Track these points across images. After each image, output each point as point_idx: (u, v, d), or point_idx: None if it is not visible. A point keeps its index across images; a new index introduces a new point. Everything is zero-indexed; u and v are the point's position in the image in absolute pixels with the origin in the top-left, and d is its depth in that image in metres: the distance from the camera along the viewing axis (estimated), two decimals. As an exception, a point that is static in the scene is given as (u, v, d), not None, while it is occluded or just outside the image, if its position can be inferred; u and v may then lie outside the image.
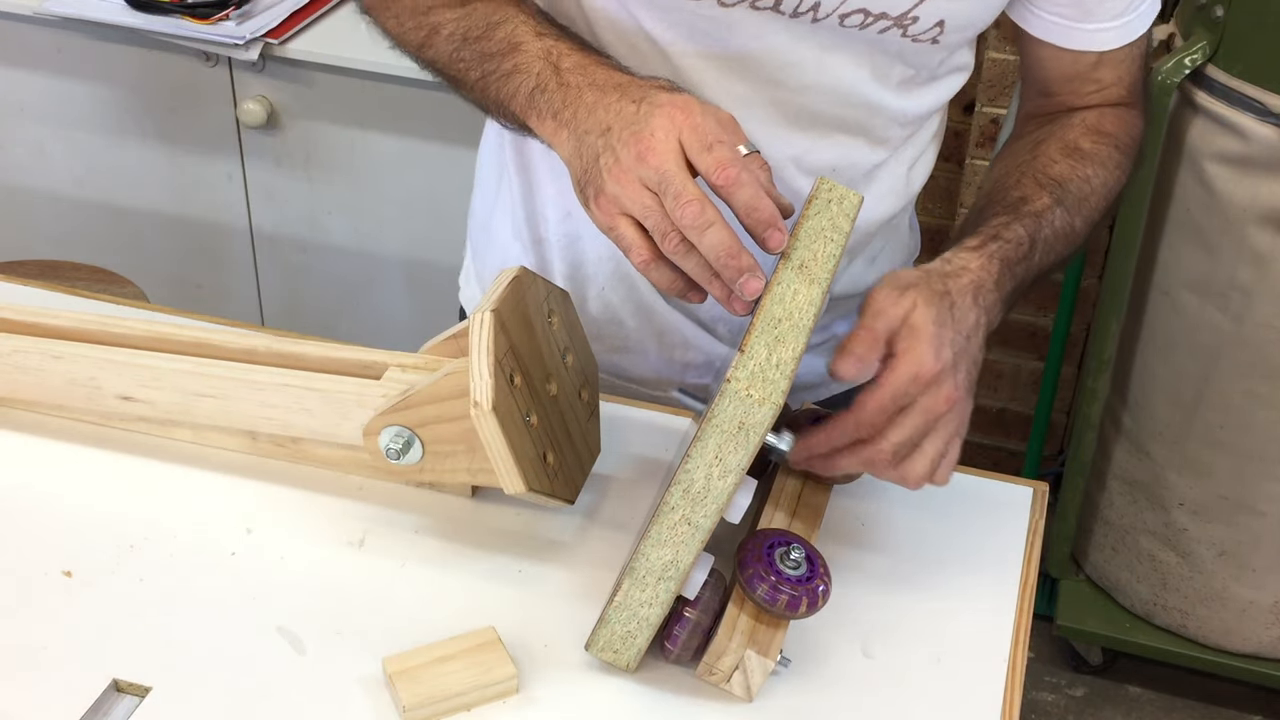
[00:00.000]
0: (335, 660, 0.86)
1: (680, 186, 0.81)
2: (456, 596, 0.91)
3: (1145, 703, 2.16)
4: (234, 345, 0.99)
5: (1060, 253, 0.99)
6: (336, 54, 1.93)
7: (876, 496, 1.01)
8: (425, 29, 0.97)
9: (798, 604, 0.83)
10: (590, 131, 0.86)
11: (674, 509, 0.79)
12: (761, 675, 0.83)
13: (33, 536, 0.94)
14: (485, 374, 0.84)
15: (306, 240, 2.13)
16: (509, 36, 0.91)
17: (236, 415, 0.97)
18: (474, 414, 0.83)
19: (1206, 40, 1.69)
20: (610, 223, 0.85)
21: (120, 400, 0.99)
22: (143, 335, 1.00)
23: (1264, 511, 1.88)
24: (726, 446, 0.77)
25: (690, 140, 0.83)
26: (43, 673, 0.84)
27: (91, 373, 0.98)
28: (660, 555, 0.80)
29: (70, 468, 1.00)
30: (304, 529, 0.96)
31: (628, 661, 0.85)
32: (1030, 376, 2.42)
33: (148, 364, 0.97)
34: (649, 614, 0.82)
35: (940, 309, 0.86)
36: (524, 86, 0.90)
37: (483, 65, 0.92)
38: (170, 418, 1.00)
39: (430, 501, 0.99)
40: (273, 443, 1.00)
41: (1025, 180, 1.00)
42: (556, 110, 0.88)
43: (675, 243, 0.82)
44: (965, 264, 0.91)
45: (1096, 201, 1.02)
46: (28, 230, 2.29)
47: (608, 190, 0.84)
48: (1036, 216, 0.97)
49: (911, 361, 0.83)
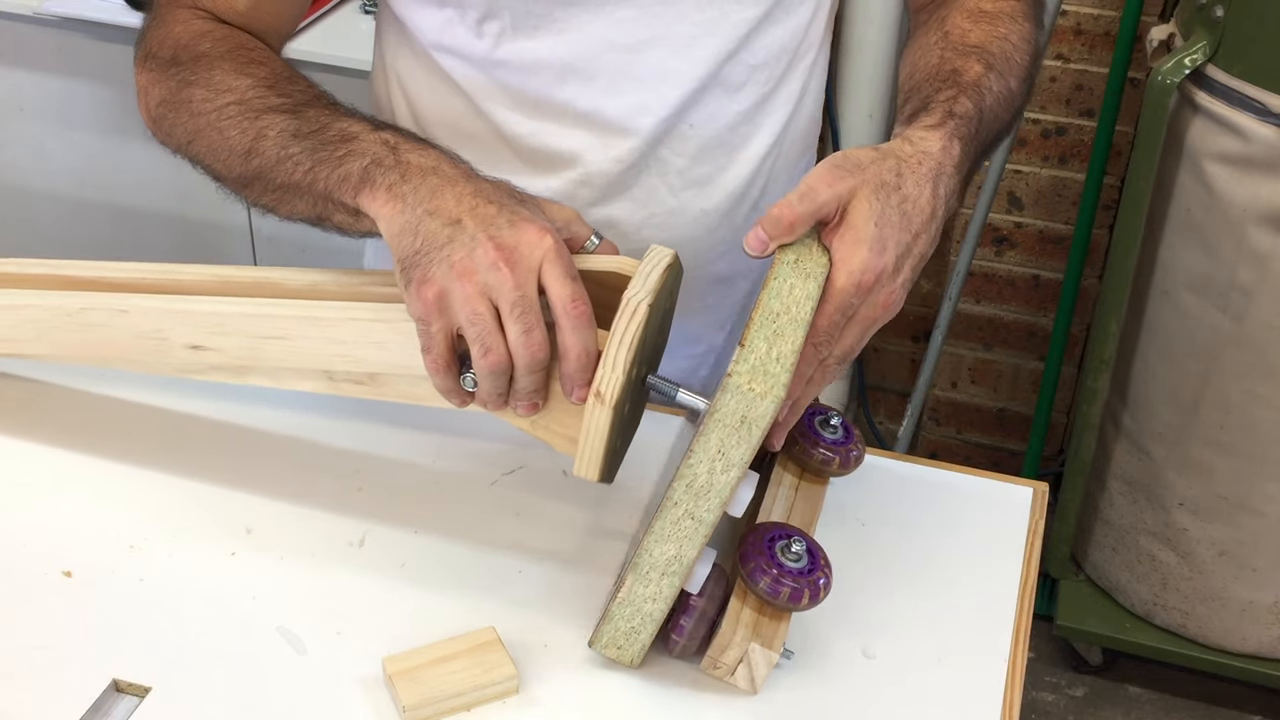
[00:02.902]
0: (335, 660, 0.86)
1: (534, 320, 0.80)
2: (456, 596, 0.91)
3: (1145, 703, 2.16)
4: (295, 282, 0.95)
5: (1003, 119, 0.97)
6: (336, 54, 1.93)
7: (877, 496, 1.01)
8: (252, 133, 0.91)
9: (800, 596, 0.83)
10: (433, 215, 0.82)
11: (677, 504, 0.79)
12: (766, 667, 0.84)
13: (33, 536, 0.94)
14: (620, 368, 0.81)
15: (306, 240, 2.13)
16: (344, 129, 0.88)
17: (308, 355, 0.92)
18: (591, 403, 0.81)
19: (1206, 40, 1.69)
20: (425, 315, 0.81)
21: (190, 350, 0.94)
22: (204, 280, 0.97)
23: (1264, 511, 1.88)
24: (729, 441, 0.77)
25: (554, 264, 0.81)
26: (43, 673, 0.84)
27: (158, 324, 0.94)
28: (664, 550, 0.81)
29: (70, 468, 1.00)
30: (304, 529, 0.96)
31: (632, 657, 0.85)
32: (1030, 376, 2.42)
33: (210, 309, 0.92)
34: (653, 609, 0.83)
35: (885, 205, 0.83)
36: (357, 166, 0.86)
37: (314, 156, 0.87)
38: (243, 363, 0.95)
39: (430, 501, 0.99)
40: (351, 380, 0.93)
41: (949, 54, 0.97)
42: (392, 184, 0.84)
43: (493, 363, 0.81)
44: (928, 147, 0.87)
45: (1021, 58, 1.00)
46: (28, 230, 2.29)
47: (438, 282, 0.80)
48: (976, 86, 0.94)
49: (853, 270, 0.82)
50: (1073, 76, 2.12)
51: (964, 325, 2.39)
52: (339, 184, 0.86)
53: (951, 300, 2.12)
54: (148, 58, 0.99)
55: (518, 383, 0.82)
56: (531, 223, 0.82)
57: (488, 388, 0.83)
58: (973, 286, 2.34)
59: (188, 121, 0.95)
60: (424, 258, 0.81)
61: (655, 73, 1.01)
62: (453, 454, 1.03)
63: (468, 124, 1.05)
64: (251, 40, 0.99)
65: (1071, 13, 2.07)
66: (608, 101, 1.02)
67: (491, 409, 0.85)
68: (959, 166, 0.89)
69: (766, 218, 0.82)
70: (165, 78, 0.97)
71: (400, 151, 0.86)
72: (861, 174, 0.83)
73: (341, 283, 0.94)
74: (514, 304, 0.80)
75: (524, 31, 1.00)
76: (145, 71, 0.99)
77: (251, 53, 0.97)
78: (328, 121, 0.89)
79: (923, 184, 0.85)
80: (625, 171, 1.04)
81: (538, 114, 1.03)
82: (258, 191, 0.93)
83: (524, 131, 1.04)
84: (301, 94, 0.92)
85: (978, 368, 2.44)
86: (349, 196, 0.86)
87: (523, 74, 1.01)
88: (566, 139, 1.04)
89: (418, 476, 1.01)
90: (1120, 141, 2.11)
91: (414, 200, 0.83)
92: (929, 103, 0.92)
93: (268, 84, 0.93)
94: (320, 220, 0.91)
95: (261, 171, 0.90)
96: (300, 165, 0.88)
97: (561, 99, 1.02)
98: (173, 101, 0.96)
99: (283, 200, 0.91)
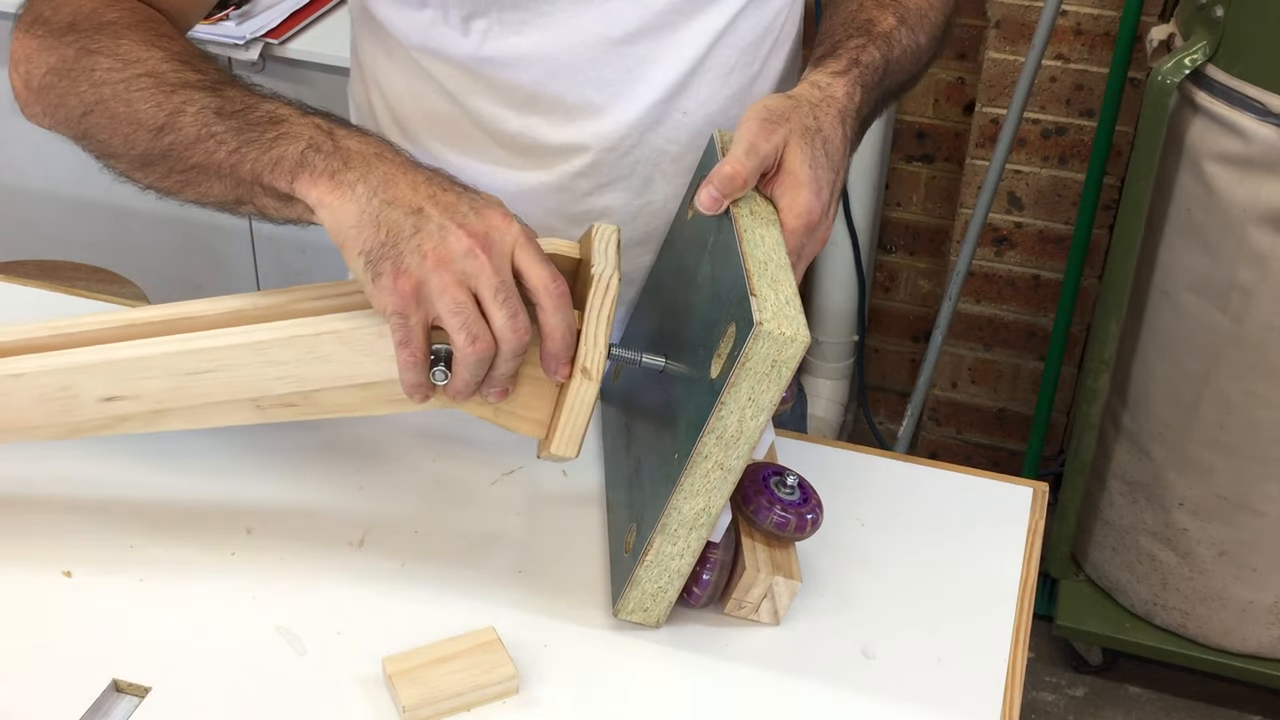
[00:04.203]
0: (335, 660, 0.86)
1: (518, 304, 0.81)
2: (456, 596, 0.91)
3: (1145, 703, 2.16)
4: (215, 313, 0.91)
5: (908, 70, 1.01)
6: (336, 54, 1.93)
7: (877, 496, 1.01)
8: (168, 108, 0.86)
9: (805, 525, 0.87)
10: (392, 204, 0.80)
11: (707, 457, 0.80)
12: (789, 597, 0.88)
13: (33, 536, 0.94)
14: (601, 343, 0.84)
15: (306, 240, 2.13)
16: (272, 111, 0.85)
17: (241, 384, 0.88)
18: (579, 380, 0.83)
19: (1206, 40, 1.69)
20: (403, 307, 0.80)
21: (102, 403, 0.89)
22: (105, 329, 0.91)
23: (1264, 511, 1.88)
24: (759, 386, 0.78)
25: (526, 248, 0.82)
26: (43, 673, 0.84)
27: (64, 382, 0.88)
28: (693, 505, 0.82)
29: (70, 468, 1.00)
30: (304, 529, 0.96)
31: (658, 617, 0.87)
32: (1030, 376, 2.42)
33: (129, 355, 0.87)
34: (680, 565, 0.84)
35: (813, 149, 0.87)
36: (291, 151, 0.82)
37: (241, 136, 0.84)
38: (160, 407, 0.89)
39: (430, 501, 0.99)
40: (281, 404, 0.90)
41: (868, 3, 1.01)
42: (335, 171, 0.81)
43: (480, 351, 0.80)
44: (833, 92, 0.91)
45: (936, 16, 1.04)
46: (27, 230, 2.29)
47: (413, 272, 0.79)
48: (886, 37, 0.98)
49: (800, 213, 0.86)
50: (1073, 76, 2.12)
51: (964, 325, 2.39)
52: (270, 167, 0.83)
53: (951, 300, 2.12)
54: (36, 22, 0.93)
55: (497, 368, 0.82)
56: (493, 209, 0.82)
57: (467, 377, 0.82)
58: (973, 286, 2.34)
59: (86, 91, 0.89)
60: (392, 249, 0.80)
61: (646, 61, 1.01)
62: (453, 454, 1.03)
63: (453, 123, 1.05)
64: (159, 16, 0.95)
65: (1071, 13, 2.07)
66: (598, 93, 1.02)
67: (459, 400, 0.84)
68: (859, 111, 0.93)
69: (718, 176, 0.85)
70: (59, 44, 0.91)
71: (337, 137, 0.84)
72: (788, 123, 0.87)
73: (265, 305, 0.91)
74: (496, 289, 0.80)
75: (511, 27, 1.00)
76: (31, 38, 0.93)
77: (161, 26, 0.93)
78: (253, 102, 0.86)
79: (834, 124, 0.90)
80: (620, 160, 1.05)
81: (528, 109, 1.03)
82: (160, 172, 0.88)
83: (514, 129, 1.04)
84: (217, 73, 0.89)
85: (978, 368, 2.44)
86: (282, 181, 0.83)
87: (511, 70, 1.01)
88: (558, 133, 1.04)
89: (418, 476, 1.01)
90: (1120, 141, 2.11)
91: (365, 189, 0.81)
92: (837, 48, 0.96)
93: (181, 59, 0.89)
94: (238, 204, 0.87)
95: (173, 149, 0.86)
96: (224, 145, 0.84)
97: (552, 93, 1.02)
98: (67, 70, 0.90)
99: (192, 181, 0.87)
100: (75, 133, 0.92)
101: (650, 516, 0.84)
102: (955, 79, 2.29)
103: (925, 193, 2.41)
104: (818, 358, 2.51)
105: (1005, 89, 2.15)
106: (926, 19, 1.02)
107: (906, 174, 2.40)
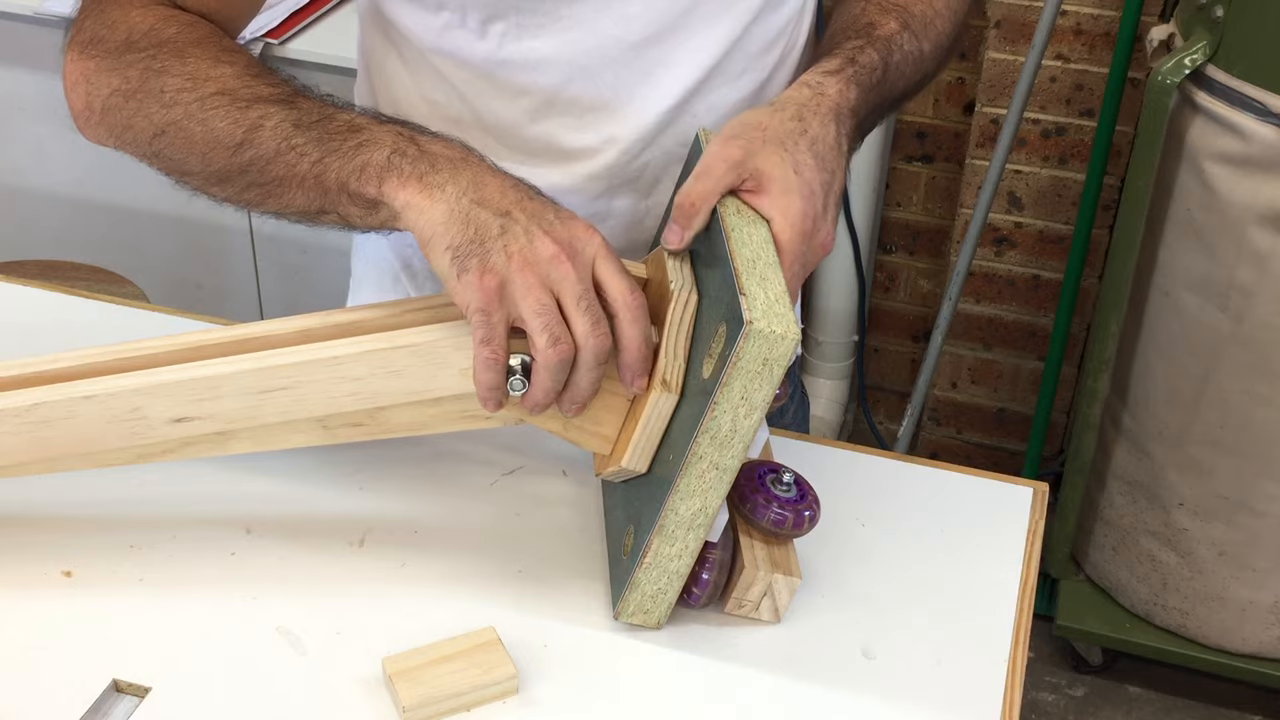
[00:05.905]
0: (335, 660, 0.86)
1: (600, 313, 0.81)
2: (456, 596, 0.91)
3: (1145, 703, 2.16)
4: (284, 332, 0.90)
5: (909, 78, 0.99)
6: (336, 54, 1.93)
7: (877, 496, 1.01)
8: (245, 124, 0.87)
9: (802, 522, 0.87)
10: (481, 205, 0.81)
11: (701, 458, 0.80)
12: (789, 595, 0.88)
13: (33, 536, 0.94)
14: (681, 356, 0.84)
15: (306, 240, 2.13)
16: (350, 120, 0.86)
17: (313, 402, 0.87)
18: (658, 392, 0.83)
19: (1206, 40, 1.69)
20: (487, 304, 0.80)
21: (171, 424, 0.87)
22: (171, 350, 0.90)
23: (1264, 511, 1.88)
24: (752, 385, 0.78)
25: (607, 259, 0.82)
26: (43, 673, 0.84)
27: (133, 404, 0.87)
28: (689, 506, 0.82)
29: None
30: (304, 529, 0.96)
31: (658, 619, 0.87)
32: (1030, 376, 2.42)
33: (200, 374, 0.86)
34: (679, 566, 0.84)
35: (796, 152, 0.85)
36: (376, 157, 0.83)
37: (322, 146, 0.85)
38: (231, 428, 0.88)
39: (430, 501, 0.99)
40: (348, 424, 0.89)
41: (871, 9, 1.00)
42: (423, 174, 0.82)
43: (562, 353, 0.80)
44: (824, 90, 0.90)
45: (942, 25, 1.02)
46: (27, 230, 2.29)
47: (499, 271, 0.80)
48: (887, 41, 0.96)
49: (794, 220, 0.84)
50: (1073, 76, 2.12)
51: (964, 325, 2.39)
52: (356, 174, 0.83)
53: (951, 300, 2.12)
54: (90, 43, 0.92)
55: (579, 378, 0.82)
56: (577, 220, 0.83)
57: (547, 384, 0.82)
58: (973, 286, 2.34)
59: (156, 113, 0.89)
60: (479, 247, 0.80)
61: (661, 65, 1.01)
62: (453, 454, 1.03)
63: (466, 124, 1.05)
64: (215, 28, 0.95)
65: (1071, 13, 2.07)
66: (614, 96, 1.02)
67: (534, 413, 0.84)
68: (855, 111, 0.91)
69: (676, 209, 0.85)
70: (120, 65, 0.91)
71: (420, 142, 0.85)
72: (761, 132, 0.86)
73: (332, 323, 0.91)
74: (579, 296, 0.80)
75: (529, 30, 0.99)
76: (87, 58, 0.92)
77: (221, 39, 0.93)
78: (329, 112, 0.87)
79: (826, 123, 0.88)
80: (631, 163, 1.05)
81: (544, 112, 1.03)
82: (240, 186, 0.89)
83: (530, 132, 1.04)
84: (287, 85, 0.90)
85: (978, 368, 2.44)
86: (370, 186, 0.83)
87: (529, 73, 1.01)
88: (573, 136, 1.04)
89: (418, 476, 1.01)
90: (1120, 141, 2.11)
91: (455, 189, 0.82)
92: (835, 50, 0.94)
93: (251, 73, 0.90)
94: (321, 213, 0.88)
95: (253, 164, 0.87)
96: (306, 156, 0.85)
97: (568, 96, 1.02)
98: (133, 92, 0.90)
99: (274, 194, 0.88)
100: (145, 153, 0.92)
101: (647, 519, 0.84)
102: (955, 79, 2.29)
103: (925, 193, 2.41)
104: (818, 358, 2.51)
105: (1005, 89, 2.15)
106: (932, 26, 1.01)
107: (906, 174, 2.40)
